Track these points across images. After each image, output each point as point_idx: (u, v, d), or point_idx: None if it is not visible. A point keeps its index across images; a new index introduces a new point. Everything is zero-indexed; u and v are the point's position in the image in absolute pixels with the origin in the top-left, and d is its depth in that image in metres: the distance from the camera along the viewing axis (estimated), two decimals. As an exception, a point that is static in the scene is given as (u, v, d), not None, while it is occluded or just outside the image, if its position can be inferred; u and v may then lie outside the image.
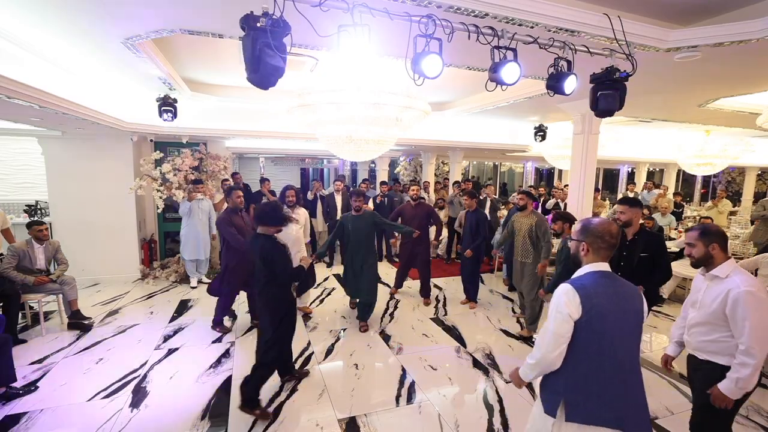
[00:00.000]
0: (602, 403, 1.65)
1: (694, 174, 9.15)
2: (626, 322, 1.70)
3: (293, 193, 4.86)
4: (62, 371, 3.66)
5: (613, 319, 1.66)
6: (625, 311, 1.70)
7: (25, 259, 4.38)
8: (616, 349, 1.66)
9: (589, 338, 1.66)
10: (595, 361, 1.66)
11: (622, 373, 1.68)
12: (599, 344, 1.66)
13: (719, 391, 2.07)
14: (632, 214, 3.14)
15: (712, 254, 2.15)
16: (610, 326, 1.66)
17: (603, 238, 1.74)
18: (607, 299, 1.67)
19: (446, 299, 5.74)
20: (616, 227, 1.78)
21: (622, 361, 1.67)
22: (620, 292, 1.72)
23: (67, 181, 5.94)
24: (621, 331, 1.68)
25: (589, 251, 1.77)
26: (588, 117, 4.78)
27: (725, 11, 2.82)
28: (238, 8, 2.26)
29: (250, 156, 12.39)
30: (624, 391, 1.67)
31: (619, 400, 1.66)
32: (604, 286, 1.70)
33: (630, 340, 1.72)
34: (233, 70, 4.76)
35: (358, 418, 3.05)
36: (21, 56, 3.23)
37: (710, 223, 2.29)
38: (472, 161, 14.80)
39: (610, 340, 1.66)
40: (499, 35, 2.46)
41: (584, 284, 1.69)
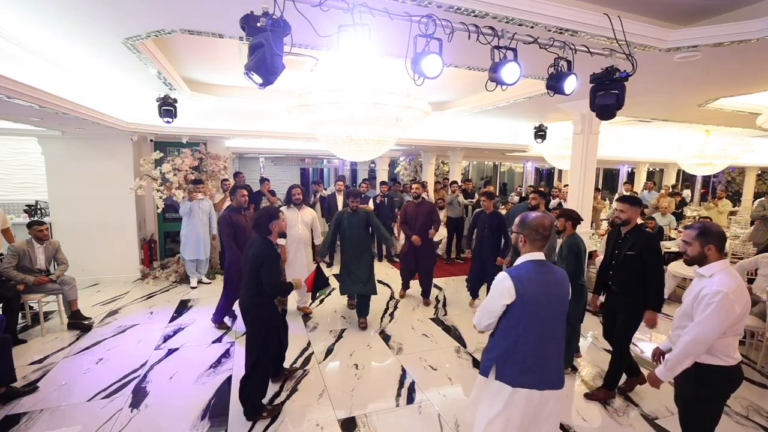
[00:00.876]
0: (524, 369, 1.95)
1: (694, 174, 9.16)
2: (553, 304, 1.97)
3: (299, 191, 4.87)
4: (62, 371, 3.66)
5: (541, 302, 1.93)
6: (553, 295, 1.96)
7: (25, 259, 4.38)
8: (542, 327, 1.95)
9: (520, 317, 1.94)
10: (522, 335, 1.95)
11: (545, 345, 1.97)
12: (528, 322, 1.94)
13: (653, 373, 2.27)
14: (632, 212, 3.15)
15: (707, 254, 2.14)
16: (538, 308, 1.93)
17: (537, 231, 1.98)
18: (538, 285, 1.93)
19: (446, 299, 5.74)
20: (548, 220, 2.02)
21: (545, 336, 1.96)
22: (549, 279, 1.97)
23: (67, 181, 5.94)
24: (548, 312, 1.95)
25: (525, 242, 2.01)
26: (588, 117, 4.78)
27: (725, 11, 2.82)
28: (238, 8, 2.26)
29: (250, 156, 12.38)
30: (544, 359, 1.97)
31: (539, 366, 1.95)
32: (536, 273, 1.95)
33: (555, 318, 1.99)
34: (233, 70, 4.76)
35: (358, 418, 3.05)
36: (21, 56, 3.23)
37: (711, 222, 2.27)
38: (472, 161, 14.79)
39: (538, 320, 1.94)
40: (499, 35, 2.46)
41: (519, 273, 1.95)
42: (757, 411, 3.21)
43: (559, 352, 2.04)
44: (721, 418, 3.08)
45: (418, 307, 5.41)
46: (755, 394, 3.45)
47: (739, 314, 2.01)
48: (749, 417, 3.13)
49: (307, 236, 4.94)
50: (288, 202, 4.88)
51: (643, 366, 3.61)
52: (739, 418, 3.12)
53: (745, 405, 3.28)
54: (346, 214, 4.75)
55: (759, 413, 3.18)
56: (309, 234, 4.96)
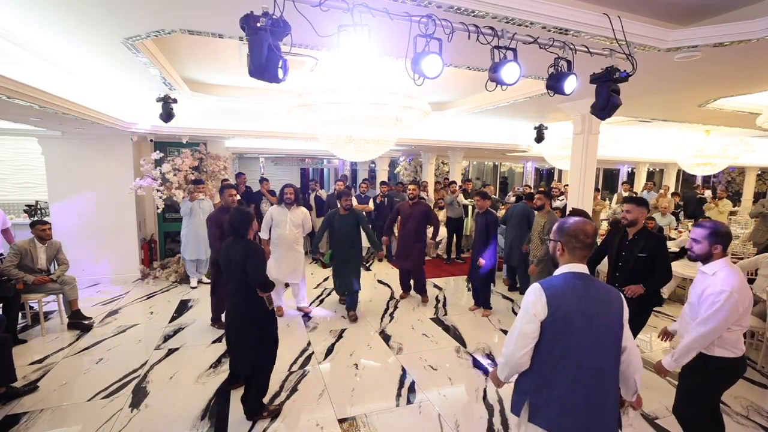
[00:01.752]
0: (564, 410, 1.58)
1: (694, 174, 9.15)
2: (597, 327, 1.62)
3: (291, 190, 4.83)
4: (62, 371, 3.66)
5: (581, 321, 1.59)
6: (596, 315, 1.62)
7: (27, 258, 4.38)
8: (582, 354, 1.59)
9: (554, 339, 1.61)
10: (559, 363, 1.61)
11: (588, 379, 1.59)
12: (564, 346, 1.60)
13: (660, 363, 2.34)
14: (638, 213, 3.12)
15: (713, 253, 2.23)
16: (577, 329, 1.59)
17: (577, 238, 1.69)
18: (576, 300, 1.61)
19: (446, 299, 5.74)
20: (591, 227, 1.73)
21: (588, 368, 1.60)
22: (593, 295, 1.64)
23: (67, 181, 5.94)
24: (589, 334, 1.60)
25: (564, 251, 1.73)
26: (588, 117, 4.78)
27: (725, 11, 2.82)
28: (238, 8, 2.26)
29: (250, 156, 12.38)
30: (587, 400, 1.59)
31: (581, 408, 1.58)
32: (574, 287, 1.64)
33: (601, 345, 1.63)
34: (233, 70, 4.76)
35: (358, 418, 3.05)
36: (21, 56, 3.22)
37: (721, 223, 2.32)
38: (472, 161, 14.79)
39: (577, 344, 1.59)
40: (499, 35, 2.46)
41: (553, 284, 1.66)
42: (758, 411, 3.21)
43: (611, 393, 1.64)
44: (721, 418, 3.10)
45: (418, 307, 5.41)
46: (755, 394, 3.45)
47: (743, 310, 2.10)
48: (749, 417, 3.13)
49: (296, 236, 4.85)
50: (280, 202, 4.87)
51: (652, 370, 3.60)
52: (739, 418, 3.12)
53: (745, 405, 3.28)
54: (337, 215, 4.92)
55: (759, 413, 3.18)
56: (298, 234, 4.88)
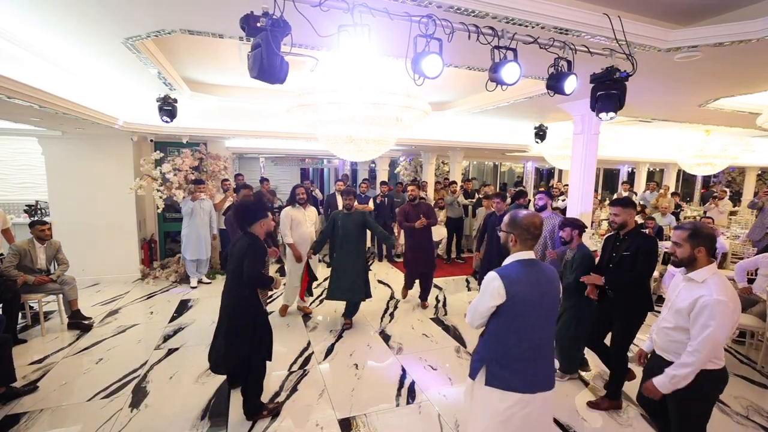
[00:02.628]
0: (516, 373, 1.89)
1: (694, 174, 9.15)
2: (544, 305, 1.92)
3: (303, 190, 4.92)
4: (62, 371, 3.66)
5: (532, 302, 1.88)
6: (543, 294, 1.91)
7: (26, 258, 4.38)
8: (533, 328, 1.90)
9: (511, 319, 1.89)
10: (513, 337, 1.90)
11: (537, 348, 1.92)
12: (520, 324, 1.89)
13: (653, 385, 2.14)
14: (626, 215, 3.05)
15: (697, 257, 2.09)
16: (529, 309, 1.88)
17: (528, 230, 1.94)
18: (529, 286, 1.88)
19: (446, 299, 5.74)
20: (539, 219, 1.98)
21: (538, 338, 1.92)
22: (540, 279, 1.92)
23: (67, 181, 5.94)
24: (539, 312, 1.91)
25: (516, 242, 1.96)
26: (588, 117, 4.78)
27: (725, 11, 2.82)
28: (238, 8, 2.26)
29: (250, 156, 12.38)
30: (536, 362, 1.92)
31: (531, 370, 1.91)
32: (526, 273, 1.90)
33: (546, 319, 1.95)
34: (233, 70, 4.76)
35: (358, 418, 3.05)
36: (21, 56, 3.22)
37: (702, 223, 2.20)
38: (472, 161, 14.79)
39: (530, 321, 1.89)
40: (499, 35, 2.46)
41: (509, 273, 1.90)
42: (758, 411, 3.21)
43: (550, 352, 2.01)
44: (722, 418, 3.10)
45: (418, 307, 5.41)
46: (755, 394, 3.45)
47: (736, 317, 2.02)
48: (749, 417, 3.13)
49: (313, 235, 4.99)
50: (292, 202, 4.89)
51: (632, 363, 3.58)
52: (739, 418, 3.12)
53: (745, 405, 3.28)
54: (341, 214, 4.66)
55: (759, 413, 3.18)
56: (314, 232, 5.01)
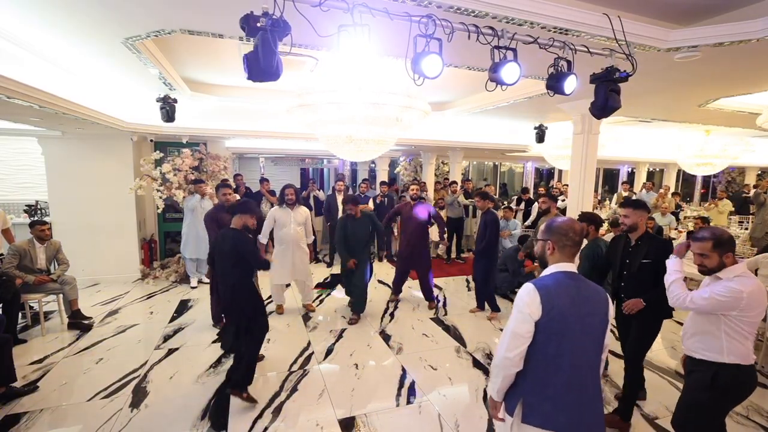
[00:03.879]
0: (557, 407, 1.62)
1: (694, 174, 9.15)
2: (588, 326, 1.67)
3: (292, 191, 4.89)
4: (62, 371, 3.66)
5: (573, 321, 1.63)
6: (587, 314, 1.66)
7: (26, 259, 4.38)
8: (574, 353, 1.63)
9: (549, 339, 1.63)
10: (552, 363, 1.64)
11: (580, 377, 1.65)
12: (558, 346, 1.63)
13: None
14: (637, 217, 2.89)
15: (726, 263, 2.12)
16: (570, 328, 1.63)
17: (567, 236, 1.72)
18: (569, 301, 1.64)
19: (446, 299, 5.74)
20: (579, 225, 1.77)
21: (580, 366, 1.64)
22: (584, 295, 1.68)
23: (67, 181, 5.94)
24: (582, 334, 1.65)
25: (554, 250, 1.74)
26: (588, 117, 4.78)
27: (725, 11, 2.82)
28: (238, 8, 2.26)
29: (250, 156, 12.37)
30: (580, 396, 1.64)
31: (574, 405, 1.64)
32: (567, 287, 1.67)
33: (591, 344, 1.68)
34: (233, 70, 4.76)
35: (358, 418, 3.05)
36: (21, 56, 3.23)
37: (720, 230, 2.20)
38: (472, 161, 14.79)
39: (570, 343, 1.63)
40: (499, 35, 2.46)
41: (546, 284, 1.67)
42: (757, 411, 3.21)
43: (598, 385, 1.72)
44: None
45: (418, 307, 5.41)
46: (755, 394, 3.39)
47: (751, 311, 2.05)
48: (749, 417, 3.13)
49: (300, 235, 4.96)
50: (281, 202, 4.91)
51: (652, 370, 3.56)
52: (739, 418, 3.12)
53: (745, 405, 3.28)
54: (350, 219, 4.82)
55: (759, 413, 3.18)
56: (302, 233, 4.98)
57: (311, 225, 5.17)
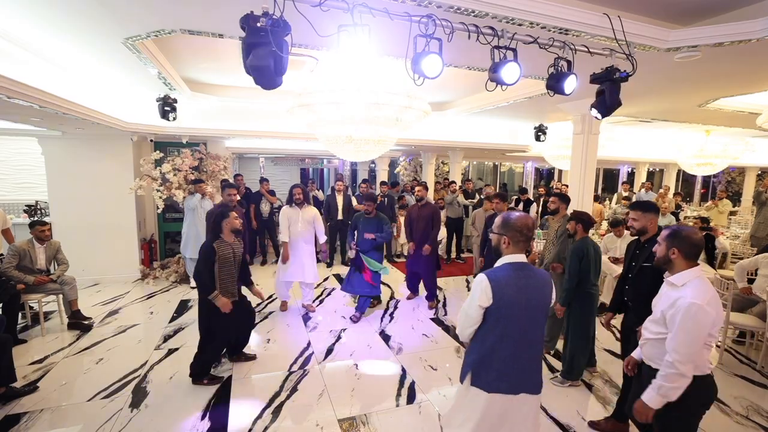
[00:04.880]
0: (500, 375, 1.91)
1: (694, 174, 9.16)
2: (532, 310, 1.90)
3: (300, 191, 4.97)
4: (62, 371, 3.66)
5: (519, 307, 1.86)
6: (532, 299, 1.89)
7: (26, 259, 4.38)
8: (519, 331, 1.89)
9: (497, 322, 1.89)
10: (498, 340, 1.90)
11: (523, 350, 1.92)
12: (504, 327, 1.89)
13: (642, 403, 1.98)
14: (646, 220, 2.71)
15: (671, 259, 2.02)
16: (515, 313, 1.87)
17: (521, 232, 1.92)
18: (517, 290, 1.86)
19: (446, 299, 5.74)
20: (531, 221, 1.96)
21: (523, 341, 1.91)
22: (530, 283, 1.90)
23: (67, 181, 5.94)
24: (525, 317, 1.89)
25: (509, 244, 1.94)
26: (588, 117, 4.78)
27: (725, 11, 2.82)
28: (238, 8, 2.26)
29: (250, 156, 12.39)
30: (520, 365, 1.92)
31: (515, 372, 1.91)
32: (515, 277, 1.88)
33: (533, 324, 1.93)
34: (233, 70, 4.76)
35: (358, 418, 3.05)
36: (21, 56, 3.23)
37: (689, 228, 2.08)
38: (472, 161, 14.80)
39: (515, 325, 1.88)
40: (499, 35, 2.46)
41: (497, 276, 1.88)
42: (757, 411, 3.21)
43: (537, 357, 1.99)
44: (722, 418, 3.10)
45: (418, 307, 5.41)
46: (755, 394, 3.45)
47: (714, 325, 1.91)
48: (749, 417, 3.13)
49: (307, 234, 5.02)
50: (289, 202, 4.98)
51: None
52: (739, 418, 3.12)
53: (745, 405, 3.28)
54: (362, 218, 4.95)
55: (759, 413, 3.18)
56: (310, 231, 5.04)
57: (323, 225, 5.22)
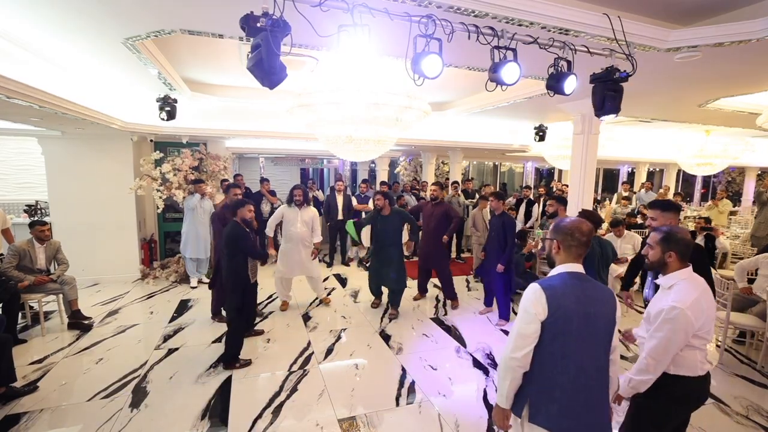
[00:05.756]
0: (563, 409, 1.62)
1: (694, 174, 9.15)
2: (593, 327, 1.65)
3: (300, 192, 5.03)
4: (62, 371, 3.66)
5: (578, 321, 1.62)
6: (593, 315, 1.65)
7: (26, 259, 4.38)
8: (580, 353, 1.63)
9: (554, 339, 1.63)
10: (558, 364, 1.63)
11: (586, 378, 1.63)
12: (563, 346, 1.63)
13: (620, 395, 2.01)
14: (665, 220, 2.59)
15: (667, 262, 1.99)
16: (575, 328, 1.62)
17: (573, 236, 1.71)
18: (575, 300, 1.63)
19: (446, 299, 5.73)
20: (587, 226, 1.75)
21: (586, 367, 1.63)
22: (590, 295, 1.67)
23: (67, 181, 5.94)
24: (587, 334, 1.64)
25: (560, 249, 1.75)
26: (588, 117, 4.78)
27: (725, 11, 2.82)
28: (238, 8, 2.26)
29: (250, 156, 12.38)
30: (586, 399, 1.63)
31: (580, 408, 1.63)
32: (572, 287, 1.66)
33: (597, 345, 1.67)
34: (233, 70, 4.76)
35: (358, 418, 3.05)
36: (20, 56, 3.23)
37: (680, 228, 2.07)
38: (472, 161, 14.79)
39: (575, 343, 1.62)
40: (499, 35, 2.46)
41: (552, 284, 1.66)
42: (757, 411, 3.21)
43: (606, 388, 1.71)
44: (722, 418, 3.10)
45: (418, 307, 5.41)
46: (755, 394, 3.45)
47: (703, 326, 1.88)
48: (749, 417, 3.13)
49: (306, 234, 5.06)
50: (289, 202, 5.04)
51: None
52: (739, 418, 3.12)
53: (745, 405, 3.28)
54: (380, 216, 5.00)
55: (759, 413, 3.18)
56: (308, 232, 5.08)
57: (319, 225, 5.28)
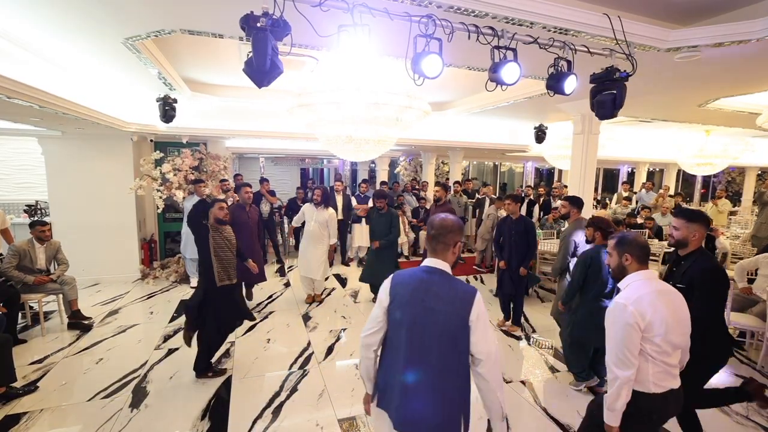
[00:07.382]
0: (394, 400, 1.68)
1: (694, 174, 9.15)
2: (432, 321, 1.61)
3: (320, 192, 5.17)
4: (62, 371, 3.66)
5: (412, 311, 1.65)
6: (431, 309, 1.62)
7: (26, 259, 4.38)
8: (414, 346, 1.62)
9: (393, 328, 1.71)
10: (395, 352, 1.69)
11: (415, 374, 1.61)
12: (397, 335, 1.69)
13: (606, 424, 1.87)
14: (689, 231, 2.37)
15: (625, 266, 1.95)
16: (409, 318, 1.65)
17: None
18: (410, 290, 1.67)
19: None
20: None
21: (419, 362, 1.61)
22: (432, 289, 1.64)
23: (67, 181, 5.94)
24: (422, 327, 1.63)
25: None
26: (588, 117, 4.78)
27: (725, 11, 2.82)
28: (238, 8, 2.26)
29: (250, 156, 12.38)
30: (414, 393, 1.62)
31: (399, 399, 1.65)
32: (418, 279, 1.68)
33: (438, 342, 1.60)
34: (233, 71, 4.75)
35: (359, 418, 3.05)
36: (20, 56, 3.23)
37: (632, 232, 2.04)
38: (472, 161, 14.79)
39: (408, 333, 1.64)
40: (499, 35, 2.46)
41: (401, 274, 1.75)
42: (758, 411, 3.20)
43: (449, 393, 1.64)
44: (722, 418, 3.10)
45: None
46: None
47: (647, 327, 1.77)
48: (749, 417, 3.13)
49: (317, 234, 5.19)
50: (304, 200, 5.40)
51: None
52: (739, 418, 3.12)
53: (745, 405, 3.28)
54: (375, 214, 5.27)
55: (759, 413, 3.18)
56: (322, 232, 5.21)
57: (335, 227, 5.40)
